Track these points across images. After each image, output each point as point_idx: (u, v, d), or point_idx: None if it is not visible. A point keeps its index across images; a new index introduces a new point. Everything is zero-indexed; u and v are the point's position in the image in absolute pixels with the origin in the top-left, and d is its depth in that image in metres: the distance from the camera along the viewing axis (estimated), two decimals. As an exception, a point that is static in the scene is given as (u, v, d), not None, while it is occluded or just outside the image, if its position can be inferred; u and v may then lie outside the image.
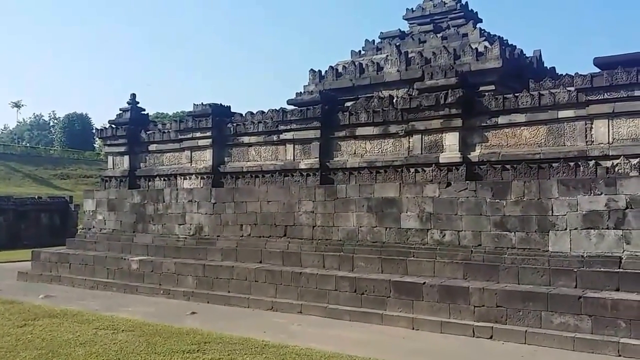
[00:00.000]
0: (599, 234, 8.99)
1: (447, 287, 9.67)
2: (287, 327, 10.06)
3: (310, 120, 12.55)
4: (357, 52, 15.19)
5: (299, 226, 12.35)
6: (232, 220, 13.45)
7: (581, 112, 9.61)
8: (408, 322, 9.76)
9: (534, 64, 13.17)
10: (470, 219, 10.24)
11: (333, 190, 11.99)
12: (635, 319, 8.00)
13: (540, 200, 9.55)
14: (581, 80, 9.45)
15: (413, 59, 13.09)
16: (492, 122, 10.51)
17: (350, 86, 14.00)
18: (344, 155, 12.41)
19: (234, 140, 14.15)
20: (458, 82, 10.78)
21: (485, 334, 8.96)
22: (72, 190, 46.61)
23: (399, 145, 11.66)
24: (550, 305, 8.66)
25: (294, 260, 12.03)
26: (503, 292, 9.12)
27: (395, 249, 10.96)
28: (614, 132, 9.34)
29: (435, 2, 15.18)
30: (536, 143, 10.12)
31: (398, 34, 15.00)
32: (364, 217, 11.48)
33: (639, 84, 8.94)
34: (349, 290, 10.69)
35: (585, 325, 8.35)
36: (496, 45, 11.96)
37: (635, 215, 8.69)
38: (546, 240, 9.46)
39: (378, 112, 11.77)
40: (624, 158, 9.14)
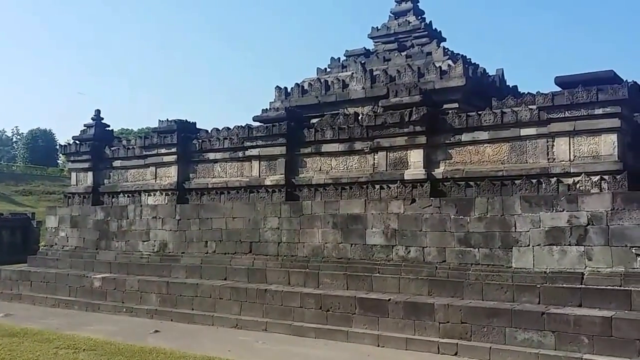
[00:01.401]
0: (562, 250, 9.11)
1: (412, 303, 9.66)
2: (252, 344, 9.92)
3: (276, 136, 12.51)
4: (322, 69, 15.26)
5: (265, 242, 12.24)
6: (197, 237, 13.26)
7: (543, 130, 9.77)
8: (373, 339, 9.71)
9: (496, 82, 13.41)
10: (435, 235, 10.28)
11: (299, 207, 11.93)
12: (597, 334, 8.09)
13: (503, 217, 9.65)
14: (543, 98, 9.63)
15: (378, 77, 13.20)
16: (455, 139, 10.62)
17: (316, 103, 14.05)
18: (309, 172, 12.38)
19: (200, 156, 14.01)
20: (422, 100, 10.89)
21: (450, 350, 8.96)
22: (34, 206, 45.41)
23: (365, 162, 11.69)
24: (514, 321, 8.70)
25: (259, 277, 11.90)
26: (467, 308, 9.15)
27: (360, 265, 10.93)
28: (575, 150, 9.51)
29: (399, 21, 15.39)
30: (499, 160, 10.25)
31: (363, 52, 15.14)
32: (330, 233, 11.44)
33: (599, 102, 9.13)
34: (314, 307, 10.61)
35: (548, 341, 8.41)
36: (459, 63, 12.13)
37: (597, 232, 8.83)
38: (510, 256, 9.54)
39: (343, 129, 11.80)
40: (585, 175, 9.30)
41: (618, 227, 8.64)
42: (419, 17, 15.31)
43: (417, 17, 15.30)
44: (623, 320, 7.99)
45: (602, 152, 9.20)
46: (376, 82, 13.28)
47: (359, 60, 14.61)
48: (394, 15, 15.71)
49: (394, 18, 15.63)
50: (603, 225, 8.75)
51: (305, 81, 14.85)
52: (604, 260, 8.71)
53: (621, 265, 8.58)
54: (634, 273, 8.46)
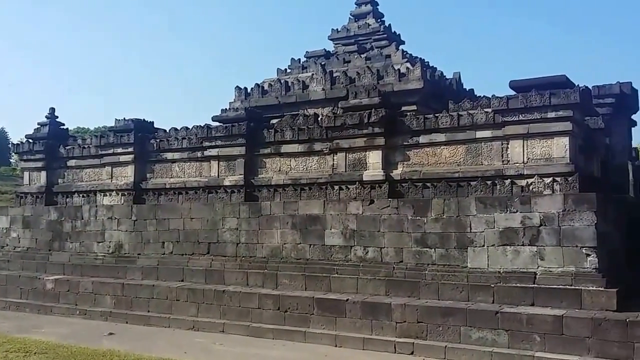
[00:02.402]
0: (515, 250, 9.30)
1: (370, 303, 9.72)
2: (209, 346, 9.82)
3: (235, 137, 12.42)
4: (283, 70, 15.24)
5: (223, 243, 12.13)
6: (154, 238, 13.05)
7: (498, 132, 9.97)
8: (331, 339, 9.73)
9: (453, 85, 13.63)
10: (393, 235, 10.37)
11: (257, 207, 11.87)
12: (549, 333, 8.30)
13: (459, 218, 9.80)
14: (498, 102, 9.82)
15: (338, 78, 13.26)
16: (413, 141, 10.75)
17: (276, 104, 14.02)
18: (269, 172, 12.33)
19: (157, 156, 13.80)
20: (381, 101, 10.98)
21: (407, 349, 9.05)
22: (-16, 207, 43.99)
23: (324, 162, 11.71)
24: (469, 320, 8.85)
25: (217, 278, 11.79)
26: (424, 308, 9.26)
27: (319, 266, 10.94)
28: (528, 152, 9.72)
29: (359, 23, 15.50)
30: (455, 162, 10.41)
31: (323, 53, 15.19)
32: (289, 234, 11.42)
33: (552, 106, 9.36)
34: (272, 308, 10.57)
35: (502, 340, 8.58)
36: (417, 66, 12.29)
37: (549, 232, 9.05)
38: (465, 256, 9.70)
39: (303, 129, 11.80)
40: (537, 177, 9.52)
41: (569, 228, 8.87)
42: (378, 20, 15.45)
43: (377, 20, 15.44)
44: (573, 318, 8.22)
45: (555, 155, 9.44)
46: (336, 84, 13.34)
47: (319, 61, 14.65)
48: (353, 18, 15.82)
49: (354, 20, 15.73)
50: (555, 225, 8.98)
51: (266, 82, 14.81)
52: (556, 260, 8.94)
53: (572, 265, 8.81)
54: (584, 272, 8.70)
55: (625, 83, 11.77)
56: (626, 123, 12.57)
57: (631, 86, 11.86)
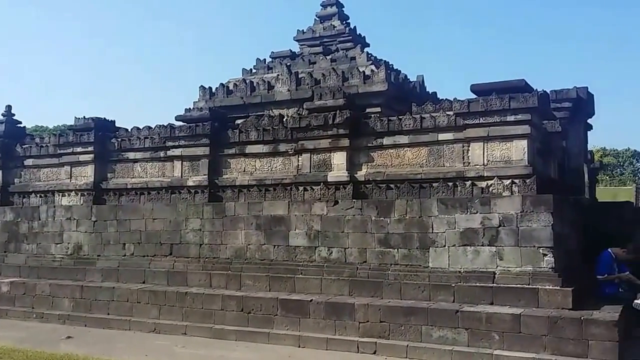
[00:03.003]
0: (475, 250, 9.48)
1: (333, 303, 9.77)
2: (171, 349, 9.71)
3: (199, 136, 12.31)
4: (248, 70, 15.19)
5: (186, 244, 12.02)
6: (114, 239, 12.83)
7: (459, 135, 10.14)
8: (295, 340, 9.74)
9: (417, 88, 13.81)
10: (357, 236, 10.44)
11: (221, 208, 11.80)
12: (507, 331, 8.47)
13: (421, 218, 9.94)
14: (459, 105, 9.99)
15: (303, 79, 13.29)
16: (377, 142, 10.85)
17: (241, 104, 13.97)
18: (233, 173, 12.27)
19: (118, 156, 13.57)
20: (346, 103, 11.05)
21: (369, 349, 9.12)
22: (-64, 208, 42.44)
23: (289, 163, 11.72)
24: (430, 319, 8.98)
25: (179, 280, 11.67)
26: (386, 307, 9.35)
27: (283, 267, 10.94)
28: (488, 155, 9.90)
29: (325, 25, 15.56)
30: (418, 164, 10.54)
31: (289, 54, 15.19)
32: (253, 235, 11.39)
33: (511, 110, 9.55)
34: (235, 310, 10.52)
35: (462, 339, 8.73)
36: (382, 69, 12.41)
37: (507, 233, 9.25)
38: (427, 256, 9.84)
39: (268, 130, 11.79)
40: (497, 179, 9.72)
41: (527, 229, 9.09)
42: (343, 22, 15.54)
43: (342, 22, 15.52)
44: (531, 317, 8.42)
45: (514, 157, 9.64)
46: (301, 85, 13.37)
47: (285, 62, 14.66)
48: (319, 19, 15.87)
49: (320, 22, 15.79)
50: (513, 226, 9.19)
51: (231, 81, 14.73)
52: (514, 260, 9.14)
53: (530, 265, 9.03)
54: (541, 272, 8.93)
55: (582, 88, 12.12)
56: (582, 127, 12.95)
57: (587, 91, 12.21)
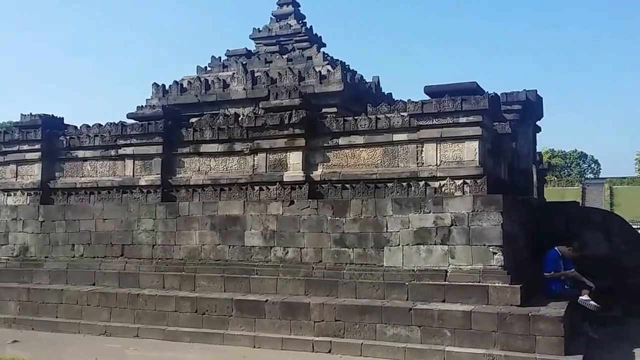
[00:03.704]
0: (428, 249, 9.64)
1: (289, 303, 9.77)
2: (122, 352, 9.54)
3: (152, 135, 12.09)
4: (203, 68, 15.00)
5: (138, 245, 11.80)
6: (63, 240, 12.48)
7: (413, 136, 10.29)
8: (250, 341, 9.71)
9: (372, 89, 13.92)
10: (312, 236, 10.47)
11: (175, 208, 11.63)
12: (459, 327, 8.66)
13: (376, 218, 10.04)
14: (413, 106, 10.13)
15: (259, 78, 13.22)
16: (333, 142, 10.90)
17: (196, 102, 13.78)
18: (187, 172, 12.11)
19: (67, 154, 13.19)
20: (302, 103, 11.06)
21: (324, 348, 9.17)
22: None
23: (244, 163, 11.65)
24: (384, 317, 9.10)
25: (131, 282, 11.45)
26: (341, 306, 9.42)
27: (238, 267, 10.87)
28: (441, 155, 10.07)
29: (281, 24, 15.51)
30: (373, 164, 10.64)
31: (245, 52, 15.08)
32: (208, 235, 11.27)
33: (463, 111, 9.74)
34: (189, 311, 10.40)
35: (415, 336, 8.88)
36: (338, 69, 12.46)
37: (459, 232, 9.45)
38: (381, 255, 9.95)
39: (223, 129, 11.68)
40: (449, 179, 9.90)
41: (478, 228, 9.31)
42: (300, 21, 15.53)
43: (299, 21, 15.51)
44: (481, 313, 8.62)
45: (465, 158, 9.84)
46: (257, 84, 13.29)
47: (240, 60, 14.54)
48: (275, 18, 15.81)
49: (276, 20, 15.73)
50: (465, 225, 9.39)
51: (185, 79, 14.52)
52: (465, 258, 9.35)
53: (480, 263, 9.25)
54: (491, 269, 9.16)
55: (531, 91, 12.47)
56: (531, 129, 13.32)
57: (536, 94, 12.58)
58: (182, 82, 14.24)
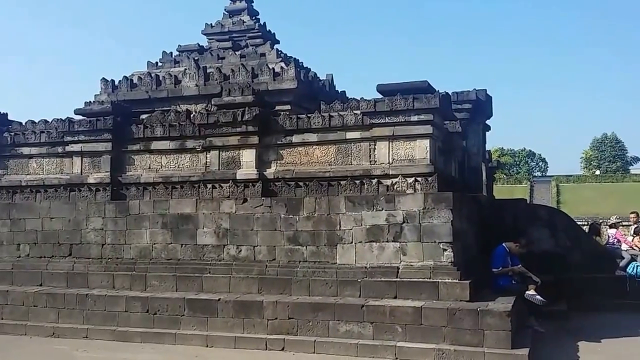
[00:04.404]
0: (380, 246, 9.75)
1: (242, 302, 9.73)
2: (71, 353, 9.34)
3: (100, 131, 11.81)
4: (154, 63, 14.73)
5: (87, 244, 11.53)
6: (8, 240, 12.08)
7: (366, 134, 10.37)
8: (202, 340, 9.62)
9: (326, 87, 13.96)
10: (266, 234, 10.45)
11: (125, 207, 11.41)
12: (409, 323, 8.78)
13: (329, 216, 10.09)
14: (366, 104, 10.21)
15: (212, 75, 13.08)
16: (287, 140, 10.89)
17: (146, 98, 13.54)
18: (137, 170, 11.89)
19: (12, 151, 12.75)
20: (255, 100, 11.01)
21: (278, 346, 9.18)
22: None
23: (197, 160, 11.51)
24: (337, 314, 9.16)
25: (80, 282, 11.19)
26: (294, 304, 9.44)
27: (191, 266, 10.75)
28: (393, 153, 10.19)
29: (234, 20, 15.36)
30: (327, 162, 10.68)
31: (197, 48, 14.89)
32: (159, 234, 11.10)
33: (415, 110, 9.87)
34: (140, 311, 10.24)
35: (367, 332, 8.97)
36: (292, 66, 12.45)
37: (411, 229, 9.58)
38: (334, 253, 10.00)
39: (175, 126, 11.52)
40: (401, 177, 10.03)
41: (429, 225, 9.46)
42: (253, 18, 15.42)
43: (252, 18, 15.40)
44: (431, 309, 8.77)
45: (417, 156, 9.99)
46: (210, 80, 13.14)
47: (192, 56, 14.35)
48: (228, 14, 15.65)
49: (229, 16, 15.57)
50: (416, 223, 9.53)
51: (135, 75, 14.24)
52: (417, 255, 9.49)
53: (431, 259, 9.41)
54: (441, 266, 9.33)
55: (481, 90, 12.73)
56: (481, 127, 13.61)
57: (486, 93, 12.85)
58: (132, 77, 13.97)
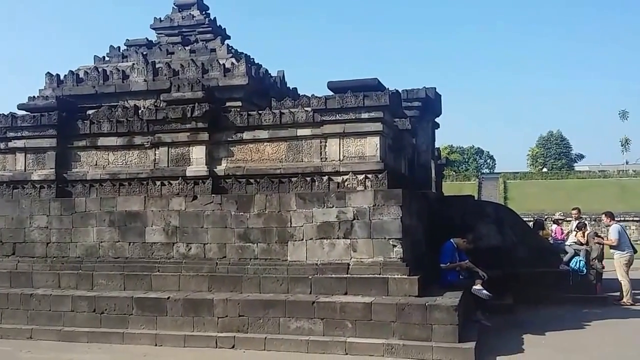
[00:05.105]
0: (331, 243, 9.81)
1: (192, 300, 9.64)
2: (15, 354, 9.08)
3: (45, 127, 11.47)
4: (101, 58, 14.35)
5: (31, 243, 11.20)
6: (-54, 239, 11.63)
7: (317, 131, 10.41)
8: (151, 339, 9.49)
9: (277, 83, 13.90)
10: (216, 231, 10.38)
11: (71, 204, 11.13)
12: (359, 319, 8.86)
13: (280, 213, 10.10)
14: (317, 101, 10.25)
15: (161, 70, 12.84)
16: (237, 137, 10.82)
17: (93, 93, 13.16)
18: (84, 167, 11.62)
19: (-49, 147, 12.26)
20: (205, 96, 10.89)
21: (228, 344, 9.14)
22: None
23: (145, 157, 11.32)
24: (288, 311, 9.18)
25: (24, 281, 10.88)
26: (245, 301, 9.42)
27: (139, 264, 10.58)
28: (344, 151, 10.27)
29: (183, 14, 15.10)
30: (278, 159, 10.68)
31: (145, 42, 14.57)
32: (106, 232, 10.89)
33: (365, 107, 9.95)
34: (87, 310, 10.03)
35: (318, 328, 9.02)
36: (243, 62, 12.34)
37: (361, 226, 9.67)
38: (285, 250, 10.02)
39: (122, 122, 11.29)
40: (352, 174, 10.12)
41: (379, 221, 9.58)
42: (203, 12, 15.18)
43: (202, 12, 15.16)
44: (381, 304, 8.89)
45: (367, 153, 10.09)
46: (159, 75, 12.90)
47: (141, 51, 14.05)
48: (177, 8, 15.36)
49: (178, 10, 15.29)
50: (366, 219, 9.64)
51: (82, 69, 13.85)
52: (367, 251, 9.60)
53: (381, 256, 9.53)
54: (391, 262, 9.46)
55: (430, 88, 12.96)
56: (430, 125, 13.86)
57: (435, 91, 13.09)
58: (78, 72, 13.58)
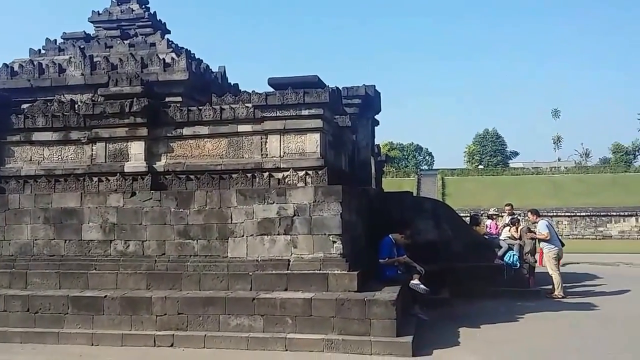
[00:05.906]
0: (272, 239, 9.86)
1: (129, 298, 9.51)
2: (-59, 359, 8.72)
3: (-25, 121, 11.05)
4: (36, 50, 13.93)
5: (-40, 242, 10.78)
6: None
7: (257, 127, 10.42)
8: (87, 339, 9.31)
9: (218, 79, 13.82)
10: (155, 228, 10.26)
11: (3, 201, 10.77)
12: (300, 315, 8.91)
13: (221, 209, 10.07)
14: (257, 98, 10.25)
15: (99, 64, 12.57)
16: (177, 133, 10.71)
17: (29, 87, 12.78)
18: (18, 162, 11.25)
19: None
20: (144, 91, 10.72)
21: (167, 342, 9.05)
22: None
23: (82, 152, 11.07)
24: (228, 308, 9.17)
25: (-49, 282, 10.45)
26: (184, 299, 9.35)
27: (75, 263, 10.35)
28: (284, 147, 10.31)
29: (122, 7, 14.79)
30: (218, 155, 10.63)
31: (83, 36, 14.22)
32: (41, 229, 10.59)
33: (305, 104, 10.01)
34: (21, 310, 9.73)
35: (258, 325, 9.04)
36: (183, 57, 12.22)
37: (301, 222, 9.75)
38: (226, 246, 10.00)
39: (58, 116, 10.99)
40: (292, 170, 10.18)
41: (319, 217, 9.68)
42: (142, 6, 14.90)
43: (141, 6, 14.87)
44: (321, 300, 8.98)
45: (307, 150, 10.17)
46: (97, 69, 12.62)
47: (78, 44, 13.70)
48: (116, 1, 15.00)
49: (117, 4, 14.95)
50: (307, 215, 9.72)
51: (16, 62, 13.40)
52: (307, 247, 9.69)
53: (321, 252, 9.63)
54: (331, 258, 9.58)
55: (370, 86, 13.16)
56: (370, 122, 14.08)
57: (375, 89, 13.30)
58: (12, 65, 13.13)
